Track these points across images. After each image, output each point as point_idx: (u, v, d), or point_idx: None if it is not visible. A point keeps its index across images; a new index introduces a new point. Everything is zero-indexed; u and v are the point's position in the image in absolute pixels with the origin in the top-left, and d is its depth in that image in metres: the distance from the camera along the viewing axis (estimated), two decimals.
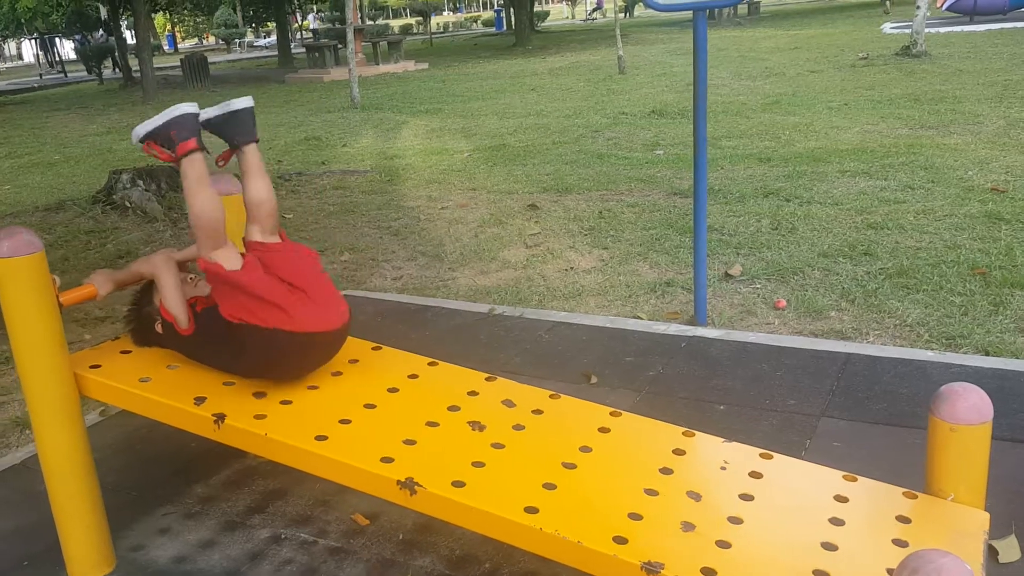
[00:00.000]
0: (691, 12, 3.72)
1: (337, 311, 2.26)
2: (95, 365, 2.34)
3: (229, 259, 2.22)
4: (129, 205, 7.18)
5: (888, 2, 28.18)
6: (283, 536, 2.51)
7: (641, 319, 4.23)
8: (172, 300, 2.31)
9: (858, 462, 2.56)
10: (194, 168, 2.22)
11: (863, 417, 2.93)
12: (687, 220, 5.94)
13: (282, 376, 2.27)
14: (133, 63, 23.71)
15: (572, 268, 5.13)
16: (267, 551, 2.44)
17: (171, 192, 7.69)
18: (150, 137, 2.23)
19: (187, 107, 2.23)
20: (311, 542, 2.47)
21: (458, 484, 1.89)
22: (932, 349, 3.59)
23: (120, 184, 7.44)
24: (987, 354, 3.54)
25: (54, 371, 2.18)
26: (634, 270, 5.00)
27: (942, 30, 18.25)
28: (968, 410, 1.83)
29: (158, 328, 2.40)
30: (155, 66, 19.88)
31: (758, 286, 4.57)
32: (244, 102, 2.34)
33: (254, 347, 2.17)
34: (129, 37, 27.52)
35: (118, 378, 2.28)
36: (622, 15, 19.26)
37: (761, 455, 2.04)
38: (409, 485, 1.90)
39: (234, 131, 2.34)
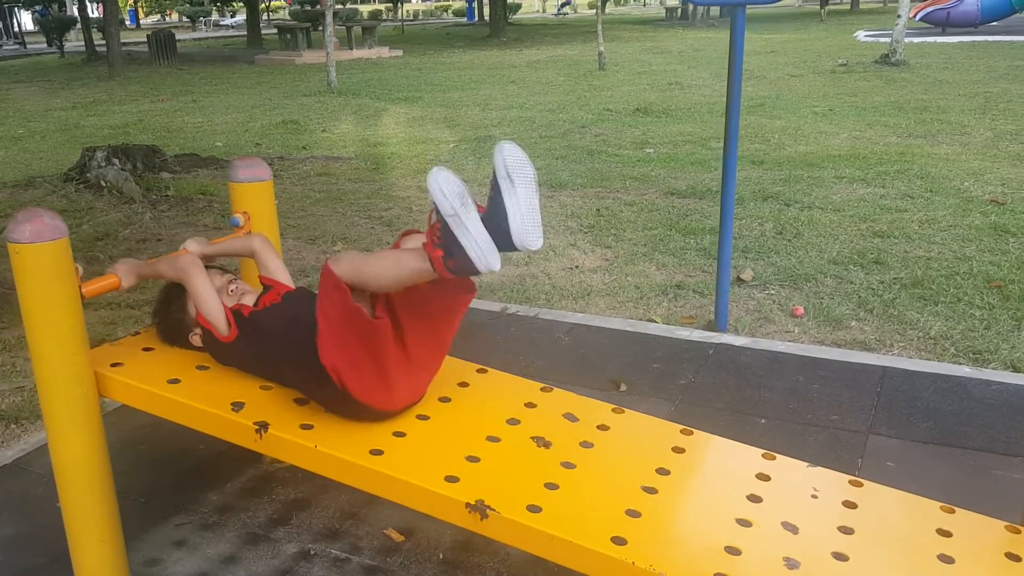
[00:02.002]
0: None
1: (428, 380, 2.06)
2: (116, 363, 2.13)
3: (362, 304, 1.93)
4: (104, 184, 6.87)
5: (824, 11, 29.40)
6: (312, 552, 2.32)
7: (656, 322, 4.10)
8: (208, 308, 2.10)
9: (917, 484, 2.44)
10: (424, 277, 1.85)
11: (911, 436, 2.83)
12: (688, 221, 5.83)
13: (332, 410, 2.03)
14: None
15: (577, 267, 4.99)
16: (296, 569, 2.25)
17: (148, 173, 7.40)
18: (445, 225, 1.77)
19: (496, 264, 1.76)
20: (344, 559, 2.29)
21: (534, 509, 1.73)
22: (962, 364, 3.51)
23: (94, 162, 7.11)
24: (1016, 370, 3.47)
25: (74, 369, 1.97)
26: (642, 271, 4.86)
27: (916, 40, 18.45)
28: None
29: (194, 340, 2.19)
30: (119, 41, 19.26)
31: (772, 292, 4.46)
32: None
33: (324, 389, 1.94)
34: (91, 11, 26.72)
35: (143, 379, 2.07)
36: (601, 11, 19.05)
37: (850, 482, 1.91)
38: (480, 508, 1.73)
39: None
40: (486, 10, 33.54)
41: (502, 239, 1.77)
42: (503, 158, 1.76)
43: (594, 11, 21.10)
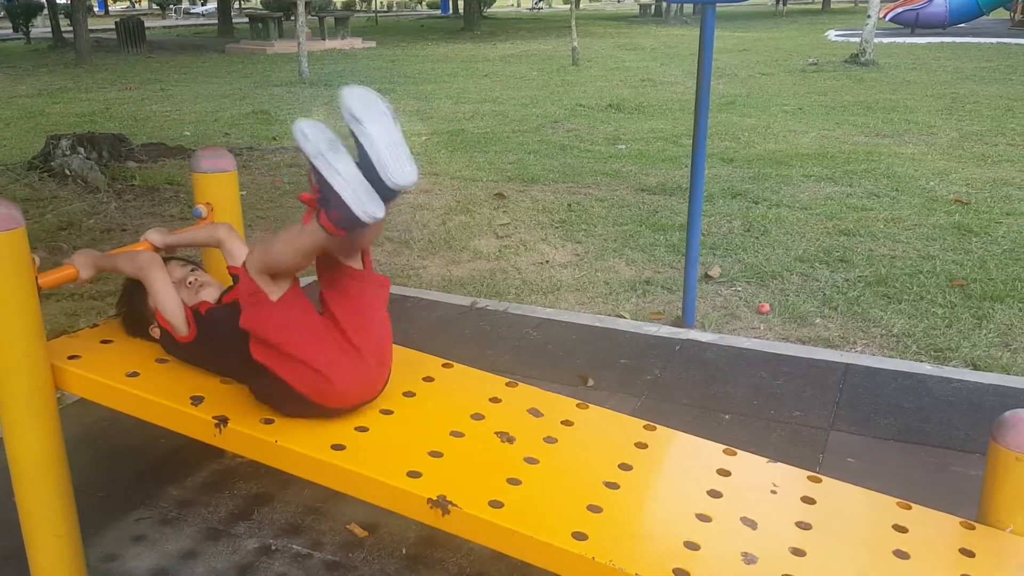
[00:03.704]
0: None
1: (383, 373, 2.00)
2: (73, 356, 2.09)
3: (276, 291, 1.88)
4: (69, 173, 6.75)
5: (784, 8, 30.24)
6: (273, 547, 2.30)
7: (624, 318, 4.11)
8: (167, 307, 2.06)
9: (877, 480, 2.49)
10: (318, 241, 1.78)
11: (873, 432, 2.87)
12: (658, 217, 5.86)
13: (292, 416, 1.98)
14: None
15: (547, 262, 4.99)
16: (257, 564, 2.23)
17: (114, 162, 7.29)
18: (316, 171, 1.73)
19: (377, 211, 1.69)
20: (305, 555, 2.27)
21: (496, 504, 1.73)
22: (923, 361, 3.56)
23: (59, 150, 6.99)
24: (976, 368, 3.52)
25: (30, 362, 1.93)
26: (611, 267, 4.88)
27: (885, 40, 18.66)
28: None
29: (153, 332, 2.15)
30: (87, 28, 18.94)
31: (739, 289, 4.50)
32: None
33: (271, 386, 1.91)
34: None
35: (101, 372, 2.04)
36: (575, 7, 19.08)
37: (809, 478, 1.93)
38: (441, 504, 1.72)
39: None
40: (460, 3, 33.44)
41: (378, 185, 1.69)
42: (345, 103, 1.70)
43: (568, 6, 21.12)
